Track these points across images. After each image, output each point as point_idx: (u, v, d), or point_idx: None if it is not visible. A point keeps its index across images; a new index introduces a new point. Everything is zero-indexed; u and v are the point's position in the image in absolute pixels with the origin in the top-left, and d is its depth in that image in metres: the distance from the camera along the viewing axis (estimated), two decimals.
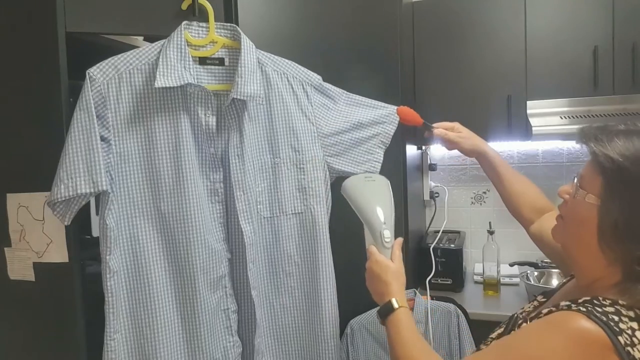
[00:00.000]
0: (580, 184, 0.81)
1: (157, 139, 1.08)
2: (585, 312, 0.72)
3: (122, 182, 1.07)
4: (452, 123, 1.28)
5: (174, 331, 1.11)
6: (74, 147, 1.01)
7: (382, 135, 1.32)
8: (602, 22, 1.97)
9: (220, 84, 1.18)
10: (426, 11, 2.20)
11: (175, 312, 1.11)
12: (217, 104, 1.14)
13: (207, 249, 1.12)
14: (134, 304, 1.08)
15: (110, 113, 1.05)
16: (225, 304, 1.17)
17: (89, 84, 1.03)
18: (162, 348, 1.08)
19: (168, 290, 1.10)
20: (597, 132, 0.79)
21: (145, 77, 1.07)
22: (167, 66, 1.05)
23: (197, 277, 1.10)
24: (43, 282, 1.13)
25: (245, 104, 1.15)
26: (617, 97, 1.97)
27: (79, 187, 1.00)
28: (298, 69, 1.27)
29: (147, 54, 1.09)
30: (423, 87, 2.21)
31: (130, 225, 1.08)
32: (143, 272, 1.08)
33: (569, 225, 0.84)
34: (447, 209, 2.41)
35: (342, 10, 1.54)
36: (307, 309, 1.25)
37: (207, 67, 1.17)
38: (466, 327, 1.71)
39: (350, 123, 1.29)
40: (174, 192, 1.08)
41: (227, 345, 1.17)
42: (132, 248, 1.08)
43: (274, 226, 1.23)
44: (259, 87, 1.13)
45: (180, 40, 1.08)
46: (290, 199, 1.23)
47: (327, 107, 1.28)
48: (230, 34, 1.18)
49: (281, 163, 1.22)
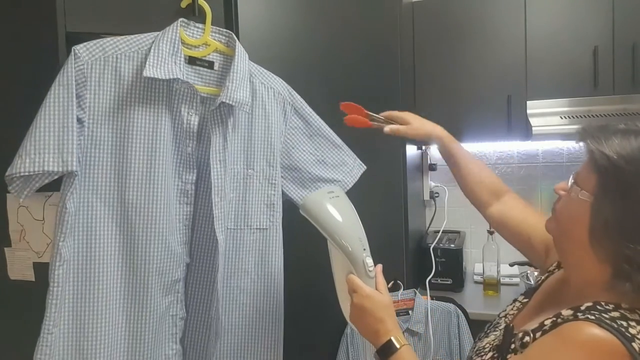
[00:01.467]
0: (575, 181, 0.81)
1: (133, 129, 1.04)
2: (595, 320, 0.70)
3: (89, 167, 1.01)
4: (401, 113, 1.22)
5: (117, 331, 1.04)
6: (47, 121, 0.96)
7: (341, 184, 1.32)
8: (602, 22, 1.97)
9: (205, 87, 1.16)
10: (426, 11, 2.20)
11: (122, 312, 1.05)
12: (202, 106, 1.13)
13: (166, 249, 1.07)
14: (79, 298, 1.01)
15: (89, 94, 1.01)
16: (175, 310, 1.13)
17: (73, 61, 0.99)
18: (102, 348, 1.02)
19: (118, 288, 1.04)
20: (595, 131, 0.79)
21: (132, 65, 1.04)
22: (158, 58, 1.03)
23: (151, 277, 1.06)
24: (43, 282, 1.13)
25: (232, 110, 1.13)
26: (617, 97, 1.97)
27: (46, 163, 0.95)
28: (284, 86, 1.26)
29: (137, 42, 1.06)
30: (423, 87, 2.21)
31: (90, 212, 1.02)
32: (94, 264, 1.02)
33: (562, 220, 0.84)
34: (447, 209, 2.40)
35: (342, 10, 1.55)
36: (256, 325, 1.22)
37: (195, 68, 1.15)
38: (466, 327, 1.71)
39: (316, 157, 1.29)
40: (141, 186, 1.04)
41: (168, 352, 1.12)
42: (87, 237, 1.02)
43: (235, 239, 1.19)
44: (248, 95, 1.12)
45: (174, 36, 1.07)
46: (257, 213, 1.20)
47: (299, 131, 1.27)
48: (225, 40, 1.17)
49: (254, 175, 1.20)
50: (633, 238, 0.72)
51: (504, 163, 2.48)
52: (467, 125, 2.16)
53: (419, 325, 1.67)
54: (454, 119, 2.17)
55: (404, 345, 0.91)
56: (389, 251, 1.74)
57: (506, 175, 2.45)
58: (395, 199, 1.76)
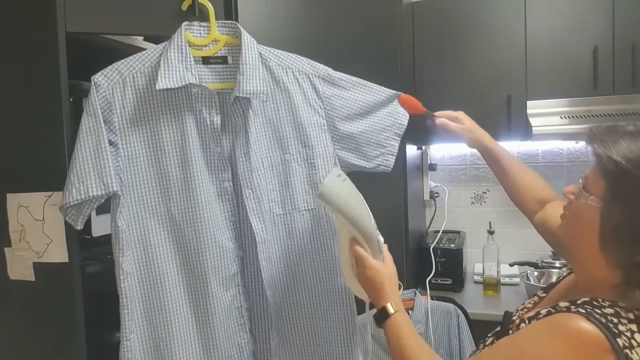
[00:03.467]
0: (584, 186, 0.80)
1: (163, 140, 1.08)
2: (585, 313, 0.71)
3: (131, 184, 1.08)
4: (455, 112, 1.25)
5: (188, 330, 1.11)
6: (83, 151, 1.01)
7: (396, 127, 1.29)
8: (602, 22, 1.97)
9: (224, 83, 1.17)
10: (426, 11, 2.20)
11: (189, 311, 1.12)
12: (222, 103, 1.14)
13: (218, 247, 1.12)
14: (148, 304, 1.09)
15: (116, 117, 1.06)
16: (239, 302, 1.17)
17: (94, 90, 1.04)
18: (177, 347, 1.09)
19: (181, 290, 1.11)
20: (603, 134, 0.78)
21: (148, 79, 1.08)
22: (168, 68, 1.05)
23: (209, 275, 1.11)
24: (43, 282, 1.13)
25: (250, 102, 1.14)
26: (617, 97, 1.97)
27: (90, 189, 1.01)
28: (303, 61, 1.24)
29: (149, 57, 1.09)
30: (423, 87, 2.21)
31: (141, 226, 1.08)
32: (155, 272, 1.09)
33: (572, 225, 0.84)
34: (447, 209, 2.41)
35: (342, 10, 1.55)
36: (324, 305, 1.23)
37: (211, 67, 1.16)
38: (466, 327, 1.71)
39: (363, 115, 1.26)
40: (182, 192, 1.09)
41: (241, 342, 1.17)
42: (143, 249, 1.08)
43: (287, 223, 1.21)
44: (262, 83, 1.12)
45: (180, 41, 1.08)
46: (302, 195, 1.21)
47: (338, 97, 1.25)
48: (232, 31, 1.17)
49: (291, 159, 1.21)
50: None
51: None
52: None
53: (419, 325, 1.67)
54: None
55: (398, 311, 0.93)
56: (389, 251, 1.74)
57: None
58: (395, 199, 1.76)
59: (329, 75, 1.25)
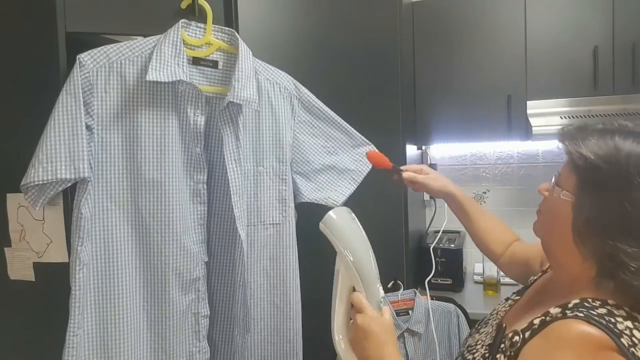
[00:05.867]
0: (557, 182, 0.84)
1: (142, 133, 1.05)
2: (584, 317, 0.71)
3: (101, 172, 1.03)
4: (419, 165, 1.27)
5: (139, 330, 1.07)
6: (57, 130, 0.97)
7: (356, 173, 1.31)
8: (602, 22, 1.97)
9: (211, 86, 1.17)
10: (426, 11, 2.20)
11: (142, 311, 1.08)
12: (207, 106, 1.14)
13: (182, 250, 1.09)
14: (101, 300, 1.04)
15: (96, 101, 1.02)
16: (196, 308, 1.14)
17: (78, 69, 1.00)
18: (126, 347, 1.05)
19: (137, 288, 1.07)
20: (574, 132, 0.82)
21: (136, 69, 1.05)
22: (160, 61, 1.03)
23: (169, 277, 1.08)
24: (43, 282, 1.13)
25: (240, 108, 1.14)
26: (617, 97, 1.97)
27: (59, 171, 0.97)
28: (290, 80, 1.26)
29: (140, 46, 1.07)
30: (423, 87, 2.21)
31: (105, 217, 1.04)
32: (113, 266, 1.04)
33: (547, 221, 0.87)
34: (447, 209, 2.38)
35: (341, 10, 1.54)
36: (274, 320, 1.24)
37: (200, 68, 1.16)
38: (466, 327, 1.71)
39: (328, 150, 1.29)
40: (154, 188, 1.06)
41: (192, 350, 1.14)
42: (104, 241, 1.04)
43: (250, 235, 1.20)
44: (255, 92, 1.13)
45: (176, 37, 1.07)
46: (269, 209, 1.22)
47: (310, 125, 1.27)
48: (228, 38, 1.18)
49: (264, 172, 1.21)
50: (613, 235, 0.73)
51: (504, 163, 2.48)
52: (467, 125, 2.16)
53: (419, 325, 1.67)
54: (454, 119, 2.17)
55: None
56: (389, 251, 1.74)
57: (506, 176, 2.45)
58: (395, 199, 1.76)
59: (309, 101, 1.27)
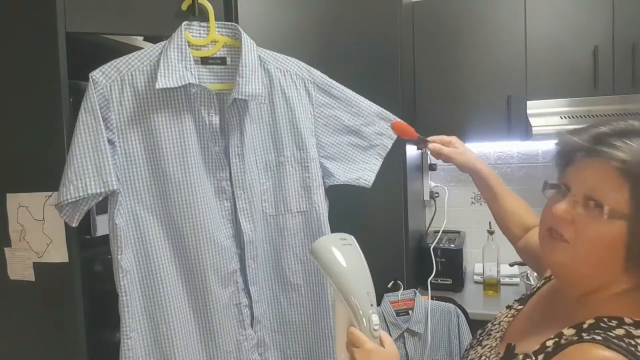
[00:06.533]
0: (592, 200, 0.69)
1: (161, 139, 1.09)
2: (602, 341, 0.64)
3: (129, 182, 1.08)
4: (449, 137, 1.24)
5: (188, 326, 1.13)
6: (81, 148, 1.01)
7: (380, 147, 1.32)
8: (602, 22, 1.97)
9: (222, 83, 1.18)
10: (426, 11, 2.20)
11: (188, 308, 1.13)
12: (220, 103, 1.15)
13: (216, 246, 1.14)
14: (148, 302, 1.10)
15: (113, 115, 1.06)
16: (237, 299, 1.19)
17: (92, 87, 1.04)
18: (178, 343, 1.11)
19: (180, 287, 1.13)
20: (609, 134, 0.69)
21: (147, 78, 1.08)
22: (168, 67, 1.05)
23: (207, 273, 1.13)
24: (43, 282, 1.13)
25: (247, 104, 1.15)
26: (617, 97, 1.97)
27: (89, 187, 1.01)
28: (301, 66, 1.26)
29: (148, 55, 1.09)
30: (423, 87, 2.21)
31: (139, 224, 1.09)
32: (154, 270, 1.10)
33: (581, 249, 0.71)
34: (447, 209, 2.40)
35: (341, 10, 1.55)
36: (313, 306, 1.26)
37: (209, 67, 1.17)
38: (466, 327, 1.71)
39: (352, 127, 1.29)
40: (180, 191, 1.10)
41: (239, 338, 1.20)
42: (142, 247, 1.09)
43: (279, 224, 1.24)
44: (261, 86, 1.13)
45: (180, 41, 1.09)
46: (295, 197, 1.24)
47: (330, 106, 1.27)
48: (232, 32, 1.18)
49: (286, 161, 1.23)
50: None
51: (504, 163, 2.48)
52: (467, 125, 2.16)
53: (419, 325, 1.67)
54: (454, 119, 2.17)
55: None
56: (389, 251, 1.74)
57: (506, 176, 2.45)
58: (395, 199, 1.76)
59: (324, 83, 1.27)
